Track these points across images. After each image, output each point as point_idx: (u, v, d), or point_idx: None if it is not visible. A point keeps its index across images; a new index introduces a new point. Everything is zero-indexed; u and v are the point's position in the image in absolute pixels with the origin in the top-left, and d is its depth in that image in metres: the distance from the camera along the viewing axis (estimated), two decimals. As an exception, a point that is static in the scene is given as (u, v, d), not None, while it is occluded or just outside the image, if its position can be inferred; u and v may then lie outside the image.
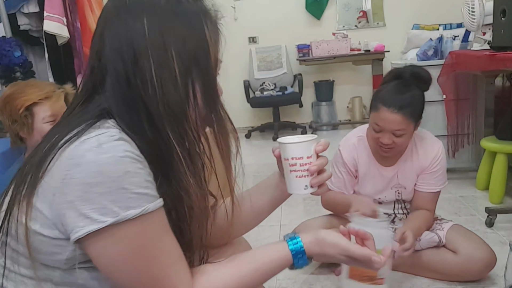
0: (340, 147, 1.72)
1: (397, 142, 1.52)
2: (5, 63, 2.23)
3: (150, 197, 0.66)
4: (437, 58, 2.89)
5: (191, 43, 0.72)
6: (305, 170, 0.82)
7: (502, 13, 2.18)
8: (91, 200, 0.62)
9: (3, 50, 2.22)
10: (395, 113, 1.47)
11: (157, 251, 0.68)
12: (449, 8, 4.30)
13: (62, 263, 0.69)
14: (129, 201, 0.63)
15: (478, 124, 2.76)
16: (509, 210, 2.23)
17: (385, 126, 1.49)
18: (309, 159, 0.82)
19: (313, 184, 0.83)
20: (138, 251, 0.67)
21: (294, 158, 0.82)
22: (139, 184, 0.65)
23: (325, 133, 4.83)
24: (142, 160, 0.67)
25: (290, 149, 0.82)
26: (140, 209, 0.64)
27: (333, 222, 1.80)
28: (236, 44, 5.08)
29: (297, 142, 0.82)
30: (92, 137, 0.65)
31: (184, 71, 0.71)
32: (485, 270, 1.57)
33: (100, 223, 0.62)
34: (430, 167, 1.62)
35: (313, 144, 0.82)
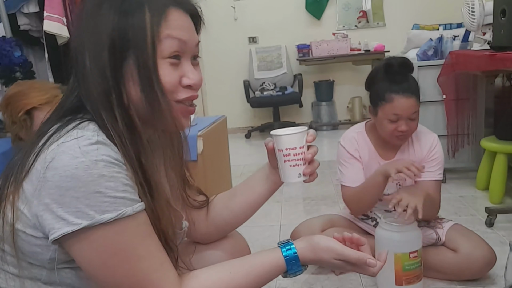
0: (341, 142, 1.73)
1: (411, 126, 1.59)
2: (5, 63, 2.23)
3: (128, 200, 0.66)
4: (437, 58, 2.89)
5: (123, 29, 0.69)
6: (298, 159, 0.88)
7: (502, 13, 2.18)
8: (66, 203, 0.63)
9: (3, 50, 2.22)
10: (410, 98, 1.56)
11: (138, 256, 0.67)
12: (449, 8, 4.30)
13: (46, 263, 0.69)
14: (105, 205, 0.63)
15: (478, 124, 2.76)
16: (509, 210, 2.23)
17: (403, 112, 1.56)
18: (301, 149, 0.88)
19: (305, 172, 0.89)
20: (117, 255, 0.66)
21: (288, 148, 0.87)
22: (115, 188, 0.64)
23: (325, 133, 4.83)
24: (119, 163, 0.66)
25: (285, 140, 0.87)
26: (116, 213, 0.64)
27: (334, 221, 1.80)
28: (236, 44, 5.09)
29: (291, 133, 0.87)
30: (69, 140, 0.65)
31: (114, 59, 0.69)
32: (485, 268, 1.57)
33: (74, 226, 0.63)
34: (428, 156, 1.65)
35: (305, 135, 0.88)
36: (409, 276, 1.50)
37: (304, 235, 1.72)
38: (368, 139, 1.71)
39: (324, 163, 3.60)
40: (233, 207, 0.98)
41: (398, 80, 1.59)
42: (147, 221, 0.69)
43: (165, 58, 0.71)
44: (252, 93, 4.92)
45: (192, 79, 0.74)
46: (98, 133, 0.67)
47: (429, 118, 2.77)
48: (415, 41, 3.57)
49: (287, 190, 2.92)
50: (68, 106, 0.73)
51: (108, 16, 0.69)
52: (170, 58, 0.72)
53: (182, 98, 0.74)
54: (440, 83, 2.78)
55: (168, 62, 0.72)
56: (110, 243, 0.65)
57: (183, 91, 0.74)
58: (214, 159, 2.29)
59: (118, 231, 0.65)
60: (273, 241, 2.11)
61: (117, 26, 0.69)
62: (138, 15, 0.69)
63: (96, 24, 0.70)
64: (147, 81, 0.70)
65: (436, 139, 1.68)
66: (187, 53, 0.75)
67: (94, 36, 0.70)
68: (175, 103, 0.74)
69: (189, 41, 0.74)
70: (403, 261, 1.49)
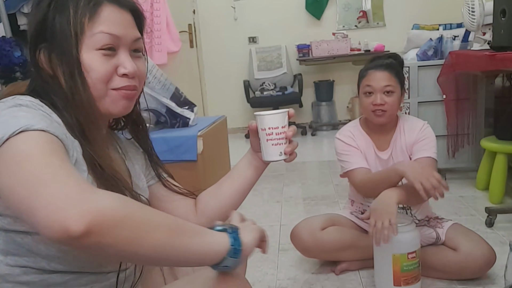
0: (337, 136, 1.76)
1: (388, 101, 1.63)
2: (5, 63, 2.22)
3: (43, 122, 0.65)
4: (437, 58, 2.89)
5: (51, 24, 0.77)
6: (280, 138, 0.94)
7: (502, 13, 2.18)
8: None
9: (3, 50, 2.22)
10: (382, 71, 1.66)
11: (43, 161, 0.61)
12: (449, 8, 4.30)
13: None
14: (16, 123, 0.64)
15: (478, 124, 2.76)
16: (509, 210, 2.23)
17: (376, 84, 1.64)
18: (283, 128, 0.94)
19: (286, 151, 0.95)
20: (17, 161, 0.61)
21: (271, 128, 0.93)
22: (33, 115, 0.67)
23: (325, 133, 4.83)
24: (48, 114, 0.70)
25: (268, 120, 0.93)
26: (23, 124, 0.63)
27: (334, 220, 1.80)
28: (236, 44, 5.09)
29: (274, 113, 0.93)
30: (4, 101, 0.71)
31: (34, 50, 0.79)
32: (485, 267, 1.57)
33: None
34: (419, 136, 1.68)
35: (286, 116, 0.95)
36: (407, 277, 1.51)
37: (304, 233, 1.75)
38: (362, 130, 1.76)
39: (324, 163, 3.60)
40: (220, 196, 1.02)
41: (379, 59, 1.71)
42: (62, 148, 0.66)
43: (98, 50, 0.78)
44: (252, 93, 4.92)
45: (127, 68, 0.80)
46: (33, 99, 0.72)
47: (429, 118, 2.74)
48: (415, 41, 3.58)
49: (287, 190, 2.92)
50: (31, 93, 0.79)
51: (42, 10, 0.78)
52: (102, 49, 0.78)
53: (119, 86, 0.81)
54: (440, 83, 2.78)
55: (101, 53, 0.78)
56: (15, 150, 0.62)
57: (119, 80, 0.81)
58: (214, 159, 2.29)
59: (23, 139, 0.63)
60: (273, 241, 2.11)
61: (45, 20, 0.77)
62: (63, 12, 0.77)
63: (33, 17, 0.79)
64: (69, 73, 0.76)
65: (426, 124, 1.71)
66: (123, 46, 0.81)
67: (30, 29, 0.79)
68: (111, 91, 0.80)
69: (124, 35, 0.80)
70: (401, 261, 1.49)
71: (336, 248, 1.73)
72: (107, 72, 0.79)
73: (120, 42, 0.80)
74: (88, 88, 0.77)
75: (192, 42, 4.65)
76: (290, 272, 1.82)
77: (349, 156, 1.70)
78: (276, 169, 3.47)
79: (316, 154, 4.13)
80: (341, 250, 1.73)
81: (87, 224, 0.55)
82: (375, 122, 1.69)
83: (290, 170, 3.44)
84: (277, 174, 3.33)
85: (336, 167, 3.27)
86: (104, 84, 0.79)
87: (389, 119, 1.69)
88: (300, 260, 1.89)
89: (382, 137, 1.73)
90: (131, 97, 0.83)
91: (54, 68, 0.78)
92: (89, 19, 0.77)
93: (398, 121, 1.74)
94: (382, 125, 1.70)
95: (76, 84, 0.76)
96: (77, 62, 0.76)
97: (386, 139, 1.73)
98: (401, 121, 1.74)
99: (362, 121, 1.78)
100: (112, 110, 0.82)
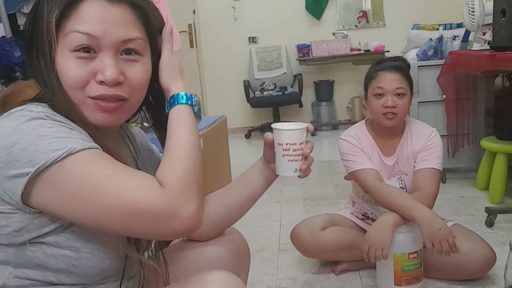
0: (342, 137, 1.72)
1: (399, 104, 1.60)
2: (5, 63, 2.22)
3: (77, 139, 0.66)
4: (437, 58, 2.89)
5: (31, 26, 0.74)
6: (297, 155, 0.90)
7: (502, 13, 2.18)
8: (16, 158, 0.62)
9: (3, 50, 2.21)
10: (394, 73, 1.63)
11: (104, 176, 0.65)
12: (449, 8, 4.30)
13: (12, 236, 0.68)
14: (52, 145, 0.63)
15: (478, 124, 2.76)
16: (509, 210, 2.23)
17: (387, 86, 1.61)
18: (301, 145, 0.90)
19: (302, 168, 0.91)
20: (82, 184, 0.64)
21: (288, 143, 0.89)
22: (60, 132, 0.65)
23: (325, 133, 4.83)
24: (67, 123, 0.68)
25: (286, 135, 0.89)
26: (66, 149, 0.63)
27: (334, 220, 1.80)
28: (236, 44, 5.09)
29: (294, 129, 0.89)
30: (13, 112, 0.68)
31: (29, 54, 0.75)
32: (484, 268, 1.57)
33: (29, 174, 0.62)
34: (425, 145, 1.65)
35: (305, 132, 0.90)
36: (408, 277, 1.50)
37: (304, 233, 1.75)
38: (368, 134, 1.72)
39: (324, 163, 3.60)
40: (228, 202, 0.98)
41: (388, 61, 1.70)
42: (103, 153, 0.68)
43: (72, 52, 0.70)
44: (252, 93, 4.92)
45: (105, 75, 0.70)
46: (46, 108, 0.69)
47: (429, 118, 2.77)
48: (415, 41, 3.57)
49: (287, 190, 2.92)
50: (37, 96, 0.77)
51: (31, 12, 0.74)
52: (77, 51, 0.70)
53: (93, 95, 0.71)
54: (440, 83, 2.78)
55: (75, 56, 0.70)
56: (70, 178, 0.63)
57: (95, 87, 0.71)
58: (214, 159, 2.29)
59: (74, 165, 0.64)
60: (273, 241, 2.11)
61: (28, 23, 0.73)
62: (40, 11, 0.71)
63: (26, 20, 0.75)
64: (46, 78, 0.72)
65: (435, 131, 1.68)
66: (106, 47, 0.71)
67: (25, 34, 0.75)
68: (88, 99, 0.72)
69: (105, 35, 0.70)
70: (402, 261, 1.49)
71: (336, 248, 1.72)
72: (79, 77, 0.70)
73: (101, 43, 0.70)
74: (66, 94, 0.71)
75: (192, 42, 4.65)
76: (290, 272, 1.82)
77: (356, 156, 1.66)
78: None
79: (316, 154, 4.11)
80: (341, 250, 1.73)
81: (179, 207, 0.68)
82: (385, 126, 1.64)
83: (290, 170, 3.43)
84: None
85: (336, 167, 3.27)
86: (79, 91, 0.71)
87: (399, 123, 1.66)
88: (300, 260, 1.89)
89: (389, 142, 1.70)
90: (111, 110, 0.73)
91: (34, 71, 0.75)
92: (59, 16, 0.69)
93: (406, 126, 1.70)
94: (390, 129, 1.66)
95: (54, 90, 0.71)
96: (51, 65, 0.71)
97: (393, 144, 1.70)
98: (409, 126, 1.71)
99: (368, 124, 1.74)
100: (90, 119, 0.73)
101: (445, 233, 1.43)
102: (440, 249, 1.42)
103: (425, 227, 1.44)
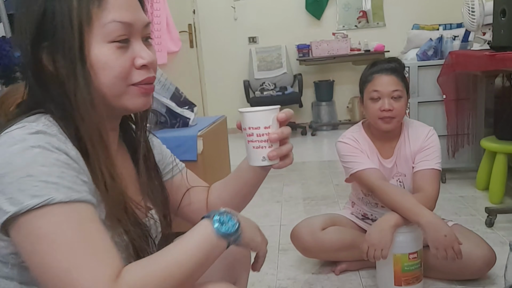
0: (340, 140, 1.71)
1: (396, 107, 1.59)
2: (5, 63, 2.22)
3: (63, 188, 0.62)
4: (437, 58, 2.89)
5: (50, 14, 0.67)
6: (262, 141, 0.78)
7: (502, 13, 2.18)
8: (3, 190, 0.61)
9: (3, 50, 2.21)
10: (389, 75, 1.61)
11: (67, 244, 0.61)
12: (449, 8, 4.31)
13: (11, 258, 0.67)
14: (35, 189, 0.60)
15: (478, 124, 2.76)
16: (509, 210, 2.23)
17: (384, 89, 1.59)
18: (266, 129, 0.78)
19: (270, 156, 0.78)
20: (43, 241, 0.61)
21: (251, 127, 0.78)
22: (50, 173, 0.61)
23: (325, 133, 4.83)
24: (61, 152, 0.64)
25: (247, 118, 0.78)
26: (44, 198, 0.60)
27: (334, 220, 1.80)
28: (236, 44, 5.09)
29: (254, 111, 0.78)
30: (11, 130, 0.64)
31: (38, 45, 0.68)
32: (484, 268, 1.57)
33: (6, 214, 0.60)
34: (423, 145, 1.65)
35: (272, 114, 0.78)
36: (408, 277, 1.51)
37: (304, 233, 1.75)
38: (366, 136, 1.71)
39: (324, 163, 3.60)
40: (225, 197, 0.97)
41: (382, 63, 1.67)
42: (85, 213, 0.64)
43: (111, 42, 0.68)
44: (252, 93, 4.92)
45: (145, 58, 0.71)
46: (47, 124, 0.65)
47: (429, 118, 2.77)
48: (415, 41, 3.58)
49: (287, 190, 2.92)
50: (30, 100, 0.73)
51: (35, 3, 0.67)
52: (116, 42, 0.69)
53: (138, 81, 0.72)
54: (440, 83, 2.78)
55: (115, 46, 0.69)
56: (37, 229, 0.61)
57: (138, 73, 0.72)
58: (214, 159, 2.29)
59: (45, 218, 0.60)
60: (273, 241, 2.11)
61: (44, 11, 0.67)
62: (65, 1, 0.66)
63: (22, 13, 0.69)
64: (70, 71, 0.67)
65: (432, 130, 1.68)
66: (136, 34, 0.72)
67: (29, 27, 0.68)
68: (130, 87, 0.72)
69: (135, 22, 0.71)
70: (402, 261, 1.49)
71: (336, 248, 1.72)
72: (125, 67, 0.70)
73: (133, 30, 0.70)
74: (92, 89, 0.68)
75: (192, 42, 4.65)
76: (290, 272, 1.82)
77: (356, 157, 1.65)
78: (276, 169, 3.47)
79: (316, 154, 4.13)
80: (341, 250, 1.73)
81: None
82: (382, 129, 1.63)
83: (290, 170, 3.43)
84: (277, 174, 3.32)
85: (336, 167, 3.27)
86: (123, 81, 0.70)
87: (397, 126, 1.65)
88: (300, 260, 1.89)
89: (387, 144, 1.70)
90: (150, 91, 0.75)
91: (59, 70, 0.68)
92: (98, 6, 0.67)
93: (403, 127, 1.70)
94: (387, 131, 1.65)
95: (78, 85, 0.67)
96: (81, 58, 0.67)
97: (391, 146, 1.69)
98: (406, 127, 1.70)
99: (366, 126, 1.74)
100: (131, 107, 0.73)
101: (450, 239, 1.42)
102: (445, 255, 1.42)
103: (430, 233, 1.44)
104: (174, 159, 0.99)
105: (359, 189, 1.77)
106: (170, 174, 0.97)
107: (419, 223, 1.46)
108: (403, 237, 1.49)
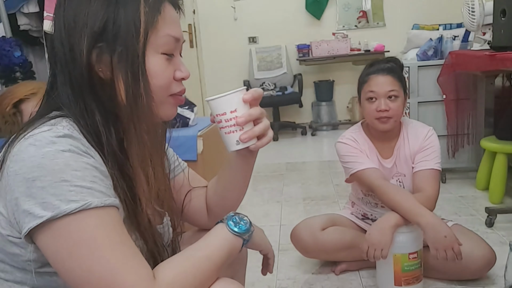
0: (340, 140, 1.71)
1: (392, 107, 1.59)
2: (5, 63, 2.22)
3: (97, 192, 0.63)
4: (437, 58, 2.89)
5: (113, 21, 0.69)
6: (231, 125, 0.79)
7: (502, 13, 2.18)
8: (33, 195, 0.60)
9: (3, 50, 2.22)
10: (385, 75, 1.61)
11: (104, 247, 0.63)
12: (449, 8, 4.31)
13: (27, 265, 0.67)
14: (70, 194, 0.61)
15: (478, 124, 2.76)
16: (509, 210, 2.23)
17: (379, 89, 1.60)
18: (232, 113, 0.78)
19: (242, 139, 0.79)
20: (81, 246, 0.62)
21: (218, 114, 0.79)
22: (83, 178, 0.62)
23: (325, 133, 4.83)
24: (90, 156, 0.65)
25: (213, 106, 0.79)
26: (82, 202, 0.61)
27: (334, 220, 1.80)
28: (236, 44, 5.09)
29: (216, 97, 0.78)
30: (37, 133, 0.64)
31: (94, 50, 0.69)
32: (484, 268, 1.58)
33: (40, 218, 0.60)
34: (423, 145, 1.64)
35: (235, 97, 0.78)
36: (408, 277, 1.51)
37: (304, 233, 1.75)
38: (366, 136, 1.72)
39: (324, 163, 3.60)
40: (218, 189, 0.97)
41: (379, 63, 1.67)
42: (117, 217, 0.66)
43: (162, 54, 0.73)
44: (252, 93, 4.91)
45: (184, 72, 0.77)
46: (69, 128, 0.66)
47: (429, 118, 2.78)
48: (415, 41, 3.58)
49: (287, 190, 2.92)
50: (50, 103, 0.73)
51: (97, 6, 0.68)
52: (165, 54, 0.74)
53: (177, 91, 0.77)
54: (440, 83, 2.78)
55: (164, 58, 0.74)
56: (75, 233, 0.61)
57: (176, 84, 0.77)
58: (214, 159, 2.29)
59: (83, 222, 0.62)
60: (273, 241, 2.10)
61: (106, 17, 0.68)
62: (131, 8, 0.69)
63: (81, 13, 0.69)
64: (132, 74, 0.70)
65: (431, 130, 1.68)
66: (178, 49, 0.78)
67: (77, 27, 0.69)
68: (169, 97, 0.76)
69: (181, 38, 0.77)
70: (402, 261, 1.49)
71: (336, 249, 1.72)
72: (169, 78, 0.75)
73: (178, 45, 0.76)
74: (151, 92, 0.72)
75: (192, 42, 4.65)
76: (290, 272, 1.82)
77: (356, 157, 1.65)
78: (276, 169, 3.47)
79: (316, 154, 4.13)
80: (341, 250, 1.73)
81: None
82: (379, 129, 1.64)
83: (290, 170, 3.44)
84: (277, 174, 3.33)
85: (336, 167, 3.27)
86: (165, 91, 0.75)
87: (394, 126, 1.65)
88: (300, 260, 1.89)
89: (386, 144, 1.69)
90: (182, 102, 0.80)
91: (114, 71, 0.70)
92: (161, 17, 0.71)
93: (402, 127, 1.70)
94: (385, 132, 1.65)
95: (137, 88, 0.70)
96: (143, 64, 0.70)
97: (390, 146, 1.69)
98: (405, 127, 1.70)
99: (365, 127, 1.74)
100: (162, 115, 0.76)
101: (450, 240, 1.42)
102: (445, 256, 1.42)
103: (430, 234, 1.44)
104: (177, 158, 0.99)
105: (359, 189, 1.77)
106: (172, 174, 0.97)
107: (419, 224, 1.46)
108: (403, 237, 1.49)
